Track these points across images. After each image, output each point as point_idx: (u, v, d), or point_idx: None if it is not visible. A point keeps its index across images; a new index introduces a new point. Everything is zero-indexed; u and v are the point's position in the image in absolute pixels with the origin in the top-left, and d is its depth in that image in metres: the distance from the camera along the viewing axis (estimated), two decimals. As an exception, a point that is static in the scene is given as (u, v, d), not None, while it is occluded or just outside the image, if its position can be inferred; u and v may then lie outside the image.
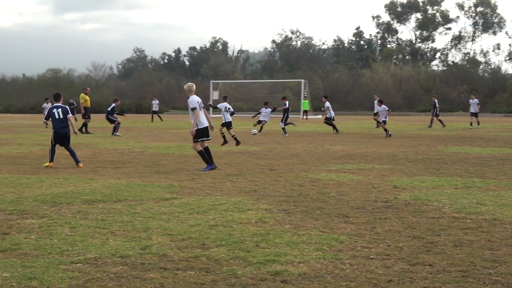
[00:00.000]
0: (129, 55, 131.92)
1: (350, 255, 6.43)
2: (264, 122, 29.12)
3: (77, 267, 5.98)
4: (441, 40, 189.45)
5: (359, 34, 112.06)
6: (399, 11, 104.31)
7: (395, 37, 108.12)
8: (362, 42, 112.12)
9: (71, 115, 15.22)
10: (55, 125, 14.79)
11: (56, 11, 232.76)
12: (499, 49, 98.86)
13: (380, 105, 27.79)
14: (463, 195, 10.32)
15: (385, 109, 27.31)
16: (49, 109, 15.30)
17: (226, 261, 6.16)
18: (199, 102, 14.01)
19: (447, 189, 11.10)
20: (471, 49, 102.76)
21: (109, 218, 8.34)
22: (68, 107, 35.83)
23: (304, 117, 55.44)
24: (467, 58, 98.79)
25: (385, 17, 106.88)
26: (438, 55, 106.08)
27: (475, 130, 32.83)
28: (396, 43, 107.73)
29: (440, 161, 16.07)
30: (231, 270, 5.84)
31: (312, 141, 24.31)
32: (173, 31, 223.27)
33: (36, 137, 26.09)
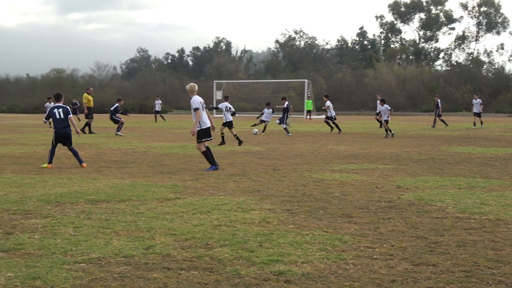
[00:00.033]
0: (133, 55, 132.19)
1: (354, 255, 6.43)
2: (267, 123, 29.25)
3: (81, 267, 5.99)
4: (444, 40, 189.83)
5: (362, 34, 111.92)
6: (403, 11, 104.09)
7: (398, 37, 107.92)
8: (365, 42, 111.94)
9: (73, 115, 15.25)
10: (56, 125, 14.85)
11: (60, 11, 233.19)
12: (502, 49, 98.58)
13: (382, 105, 27.75)
14: (466, 195, 10.31)
15: (387, 108, 27.26)
16: (50, 109, 15.35)
17: (230, 261, 6.17)
18: (201, 103, 14.04)
19: (451, 189, 11.09)
20: (474, 49, 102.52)
21: (112, 218, 8.35)
22: (71, 107, 36.25)
23: (308, 117, 55.45)
24: (470, 58, 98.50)
25: (389, 17, 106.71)
26: (441, 55, 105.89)
27: (479, 130, 32.78)
28: (400, 43, 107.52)
29: (443, 161, 16.05)
30: (234, 270, 5.85)
31: (316, 141, 24.30)
32: (176, 31, 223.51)
33: (39, 137, 26.12)
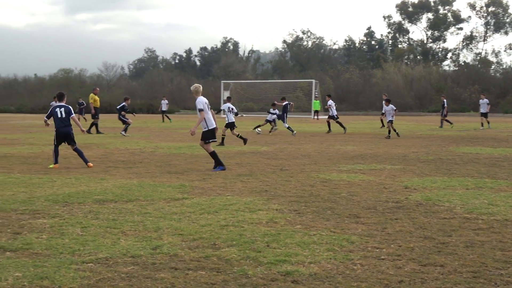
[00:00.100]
0: (140, 55, 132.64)
1: (361, 255, 6.42)
2: (273, 123, 29.36)
3: (89, 266, 6.00)
4: (452, 40, 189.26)
5: (370, 34, 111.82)
6: (411, 11, 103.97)
7: (406, 37, 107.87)
8: (373, 42, 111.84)
9: (79, 114, 15.27)
10: (57, 124, 14.89)
11: (68, 11, 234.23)
12: (511, 49, 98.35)
13: (388, 105, 27.67)
14: (474, 196, 10.28)
15: (392, 108, 27.20)
16: (52, 108, 15.33)
17: (237, 261, 6.17)
18: (206, 103, 14.18)
19: (459, 189, 11.06)
20: (482, 49, 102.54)
21: (120, 218, 8.36)
22: (78, 107, 36.25)
23: (315, 117, 55.39)
24: (478, 58, 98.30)
25: (396, 17, 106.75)
26: (449, 55, 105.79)
27: (487, 131, 32.67)
28: (407, 43, 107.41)
29: (451, 162, 16.00)
30: (242, 270, 5.85)
31: (323, 141, 24.27)
32: (184, 31, 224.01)
33: (48, 137, 26.18)
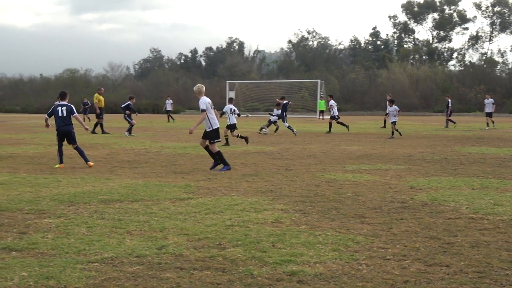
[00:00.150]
0: (146, 55, 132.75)
1: (367, 255, 6.41)
2: (277, 124, 29.43)
3: (94, 266, 6.01)
4: (458, 40, 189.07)
5: (375, 34, 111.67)
6: (416, 11, 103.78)
7: (411, 37, 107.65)
8: (378, 42, 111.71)
9: (83, 114, 15.26)
10: (58, 123, 14.91)
11: (73, 11, 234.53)
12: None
13: (391, 105, 27.61)
14: (480, 196, 10.25)
15: (396, 109, 27.14)
16: (53, 107, 15.30)
17: (243, 261, 6.17)
18: (210, 103, 14.23)
19: (464, 189, 11.03)
20: (488, 49, 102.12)
21: (125, 217, 8.37)
22: (82, 107, 36.25)
23: (321, 117, 55.37)
24: (484, 58, 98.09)
25: (402, 17, 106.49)
26: (455, 55, 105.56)
27: (492, 131, 32.60)
28: (413, 43, 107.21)
29: (457, 162, 15.97)
30: (247, 270, 5.85)
31: (328, 141, 24.26)
32: (189, 31, 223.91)
33: (53, 137, 26.04)
